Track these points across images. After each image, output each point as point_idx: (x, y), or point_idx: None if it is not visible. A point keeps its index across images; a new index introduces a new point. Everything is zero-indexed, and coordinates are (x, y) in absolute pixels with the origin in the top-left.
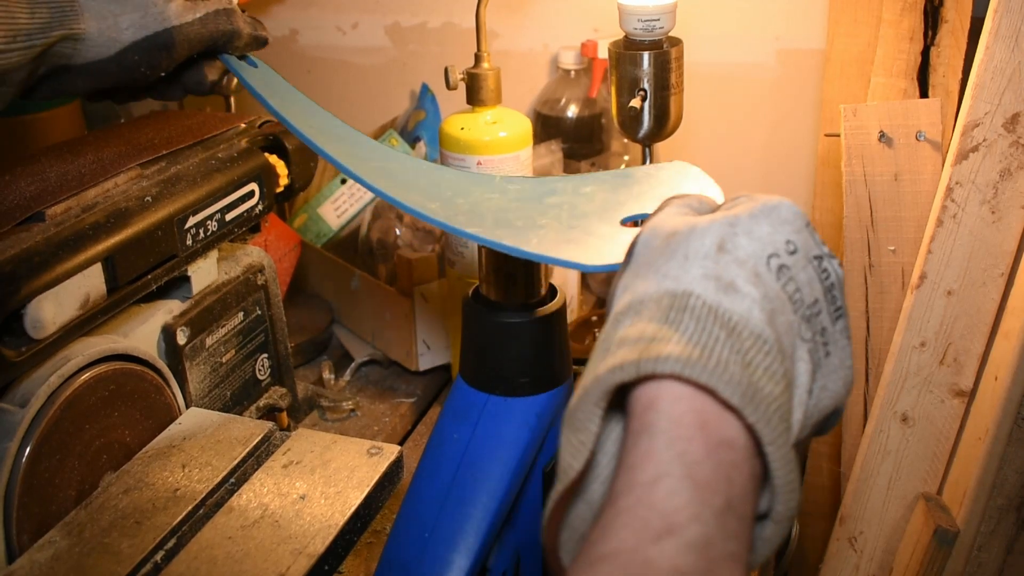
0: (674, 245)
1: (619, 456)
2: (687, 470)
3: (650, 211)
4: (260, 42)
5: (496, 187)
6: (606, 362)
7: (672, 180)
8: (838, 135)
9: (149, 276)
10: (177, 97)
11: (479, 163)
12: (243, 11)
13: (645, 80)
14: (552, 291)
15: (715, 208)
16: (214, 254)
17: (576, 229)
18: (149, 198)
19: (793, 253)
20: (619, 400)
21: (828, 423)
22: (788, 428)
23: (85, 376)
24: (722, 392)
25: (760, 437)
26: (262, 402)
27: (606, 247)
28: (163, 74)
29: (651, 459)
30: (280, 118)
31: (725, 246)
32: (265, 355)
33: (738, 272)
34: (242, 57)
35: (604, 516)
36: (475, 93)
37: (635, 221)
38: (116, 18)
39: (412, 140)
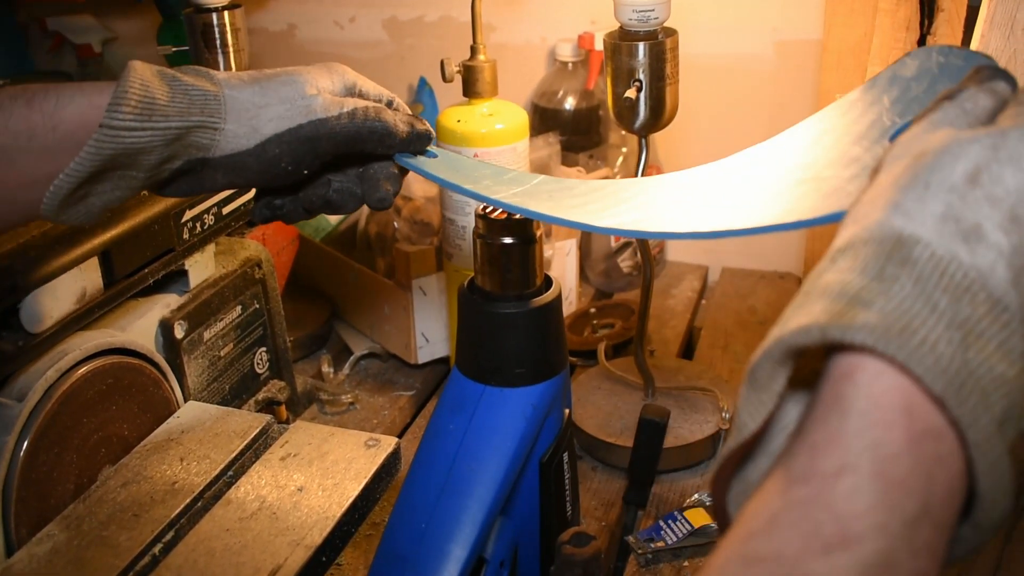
0: (920, 167)
1: (804, 421)
2: (879, 466)
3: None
4: (423, 139)
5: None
6: (797, 317)
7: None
8: None
9: (146, 270)
10: (353, 210)
11: (476, 155)
12: (410, 113)
13: (640, 71)
14: (548, 281)
15: (999, 110)
16: (211, 248)
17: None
18: (145, 192)
19: None
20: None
21: None
22: (1008, 422)
23: (83, 370)
24: (922, 377)
25: (964, 435)
26: (261, 395)
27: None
28: (306, 172)
29: (839, 444)
30: (484, 199)
31: (980, 177)
32: (263, 348)
33: (989, 213)
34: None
35: (774, 502)
36: (471, 85)
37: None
38: (259, 110)
39: None
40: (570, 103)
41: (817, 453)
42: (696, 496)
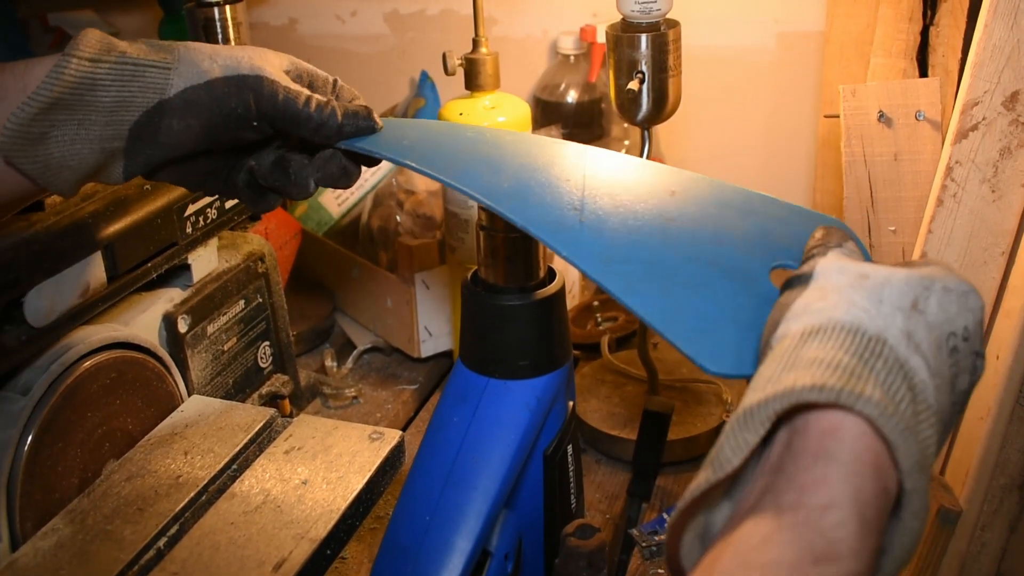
0: (869, 284)
1: (781, 469)
2: (859, 507)
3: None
4: (365, 129)
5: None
6: (799, 376)
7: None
8: (838, 116)
9: (149, 264)
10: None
11: None
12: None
13: (643, 62)
14: (551, 273)
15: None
16: (214, 242)
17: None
18: (148, 186)
19: (966, 340)
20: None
21: None
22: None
23: (87, 364)
24: (903, 455)
25: (909, 505)
26: (264, 390)
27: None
28: (255, 123)
29: (826, 486)
30: (424, 173)
31: (919, 305)
32: (267, 343)
33: (925, 337)
34: None
35: (765, 526)
36: (473, 78)
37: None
38: (211, 60)
39: None
40: (572, 96)
41: (805, 491)
42: None
